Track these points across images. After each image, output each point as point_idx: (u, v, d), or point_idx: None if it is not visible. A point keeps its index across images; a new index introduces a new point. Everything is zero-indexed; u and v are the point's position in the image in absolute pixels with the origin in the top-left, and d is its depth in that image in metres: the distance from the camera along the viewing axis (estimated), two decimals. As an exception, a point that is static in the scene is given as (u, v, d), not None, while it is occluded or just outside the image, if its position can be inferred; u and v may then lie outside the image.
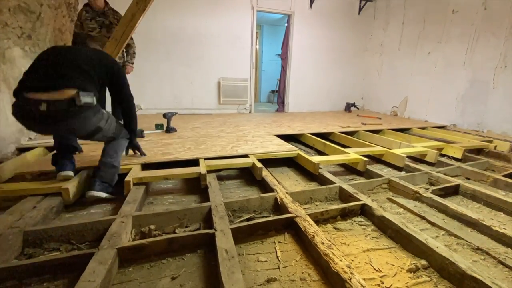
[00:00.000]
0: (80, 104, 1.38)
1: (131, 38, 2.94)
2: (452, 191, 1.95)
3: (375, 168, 2.39)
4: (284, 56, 5.44)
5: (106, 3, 2.99)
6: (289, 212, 1.45)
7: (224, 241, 1.16)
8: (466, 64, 3.92)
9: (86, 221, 1.31)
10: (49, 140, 2.45)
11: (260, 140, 2.80)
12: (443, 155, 2.79)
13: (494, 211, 1.71)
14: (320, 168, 2.14)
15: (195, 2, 4.53)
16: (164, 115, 3.00)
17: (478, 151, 2.97)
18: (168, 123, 3.03)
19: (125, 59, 3.07)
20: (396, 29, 5.11)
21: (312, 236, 1.23)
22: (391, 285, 1.05)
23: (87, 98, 1.41)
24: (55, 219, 1.48)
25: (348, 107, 5.76)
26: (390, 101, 5.34)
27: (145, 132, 2.92)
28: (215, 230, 1.25)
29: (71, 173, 1.67)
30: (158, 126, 3.14)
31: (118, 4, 4.00)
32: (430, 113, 4.51)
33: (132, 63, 3.10)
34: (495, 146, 2.97)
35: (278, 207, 1.62)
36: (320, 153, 2.92)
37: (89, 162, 1.93)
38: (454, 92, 4.11)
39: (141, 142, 2.56)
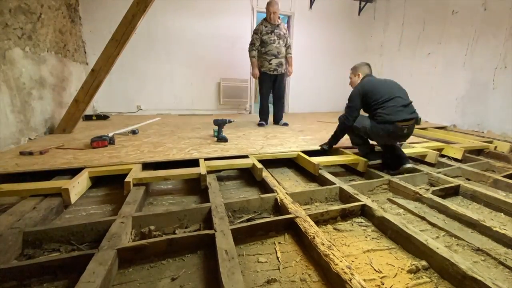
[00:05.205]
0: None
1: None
2: (453, 192, 1.94)
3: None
4: (284, 56, 5.44)
5: (279, 18, 3.56)
6: (289, 213, 1.45)
7: (224, 242, 1.16)
8: (466, 64, 3.93)
9: (86, 221, 1.30)
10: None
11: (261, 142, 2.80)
12: (443, 156, 2.79)
13: (494, 212, 1.71)
14: (320, 168, 2.14)
15: (196, 3, 4.54)
16: (215, 122, 2.76)
17: (478, 151, 2.96)
18: (219, 131, 2.74)
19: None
20: (396, 29, 5.12)
21: (312, 237, 1.23)
22: (391, 286, 1.05)
23: None
24: (55, 219, 1.48)
25: (348, 107, 5.75)
26: (390, 101, 5.33)
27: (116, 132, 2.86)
28: (215, 230, 1.25)
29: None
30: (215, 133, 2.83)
31: (118, 5, 4.02)
32: (430, 113, 4.51)
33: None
34: (495, 147, 2.96)
35: (278, 207, 1.61)
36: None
37: (85, 162, 1.93)
38: (454, 93, 4.11)
39: (141, 140, 2.57)
